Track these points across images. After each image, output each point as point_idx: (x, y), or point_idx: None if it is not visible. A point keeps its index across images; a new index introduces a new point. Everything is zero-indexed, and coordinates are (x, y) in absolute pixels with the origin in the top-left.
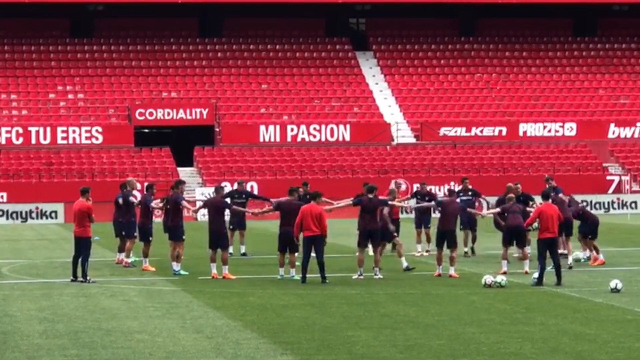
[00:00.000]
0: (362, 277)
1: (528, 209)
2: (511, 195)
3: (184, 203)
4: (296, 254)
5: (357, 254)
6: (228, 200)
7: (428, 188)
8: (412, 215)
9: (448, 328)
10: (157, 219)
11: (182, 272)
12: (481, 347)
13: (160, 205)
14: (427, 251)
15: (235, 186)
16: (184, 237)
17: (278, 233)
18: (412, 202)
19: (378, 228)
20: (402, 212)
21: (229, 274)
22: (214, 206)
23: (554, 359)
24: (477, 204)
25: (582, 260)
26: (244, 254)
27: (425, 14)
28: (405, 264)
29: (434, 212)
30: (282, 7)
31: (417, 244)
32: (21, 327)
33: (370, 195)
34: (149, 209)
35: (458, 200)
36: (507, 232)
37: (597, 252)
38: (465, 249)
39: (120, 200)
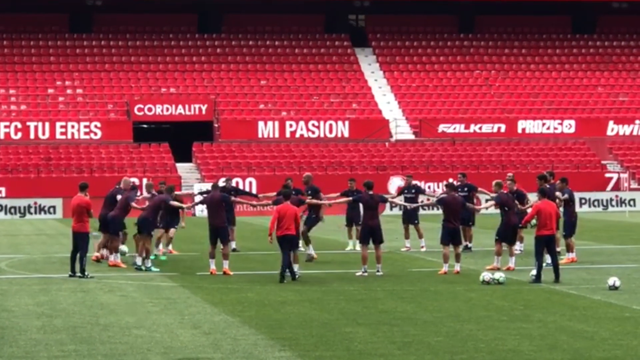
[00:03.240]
0: (366, 273)
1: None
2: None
3: (174, 203)
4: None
5: (361, 250)
6: None
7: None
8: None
9: (446, 325)
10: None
11: (153, 268)
12: (479, 344)
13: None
14: (422, 247)
15: (222, 183)
16: (152, 233)
17: None
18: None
19: (379, 225)
20: (400, 209)
21: (229, 270)
22: (214, 202)
23: (551, 356)
24: (474, 199)
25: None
26: (234, 250)
27: (425, 10)
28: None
29: (428, 208)
30: (281, 3)
31: (405, 239)
32: (19, 322)
33: (370, 192)
34: (128, 205)
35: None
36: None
37: (571, 250)
38: (469, 245)
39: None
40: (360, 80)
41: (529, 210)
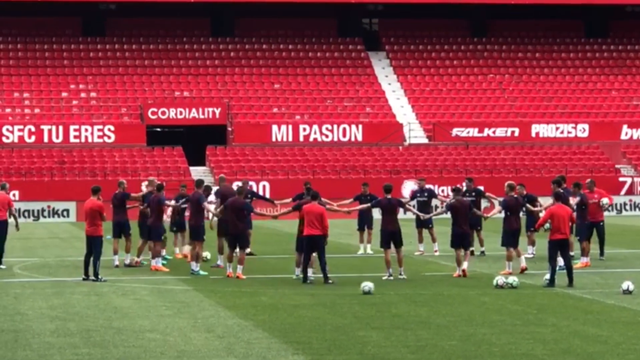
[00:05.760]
0: (391, 277)
1: (535, 208)
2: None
3: (206, 205)
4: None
5: (384, 255)
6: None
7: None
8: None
9: (459, 329)
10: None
11: (201, 272)
12: (492, 348)
13: (179, 204)
14: (435, 251)
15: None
16: (204, 237)
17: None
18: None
19: (399, 228)
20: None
21: (242, 275)
22: (236, 207)
23: None
24: (489, 203)
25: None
26: (249, 254)
27: (438, 14)
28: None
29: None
30: (294, 7)
31: (419, 243)
32: (32, 326)
33: (389, 196)
34: (162, 209)
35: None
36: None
37: (585, 254)
38: (482, 249)
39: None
40: (373, 84)
41: (542, 214)
